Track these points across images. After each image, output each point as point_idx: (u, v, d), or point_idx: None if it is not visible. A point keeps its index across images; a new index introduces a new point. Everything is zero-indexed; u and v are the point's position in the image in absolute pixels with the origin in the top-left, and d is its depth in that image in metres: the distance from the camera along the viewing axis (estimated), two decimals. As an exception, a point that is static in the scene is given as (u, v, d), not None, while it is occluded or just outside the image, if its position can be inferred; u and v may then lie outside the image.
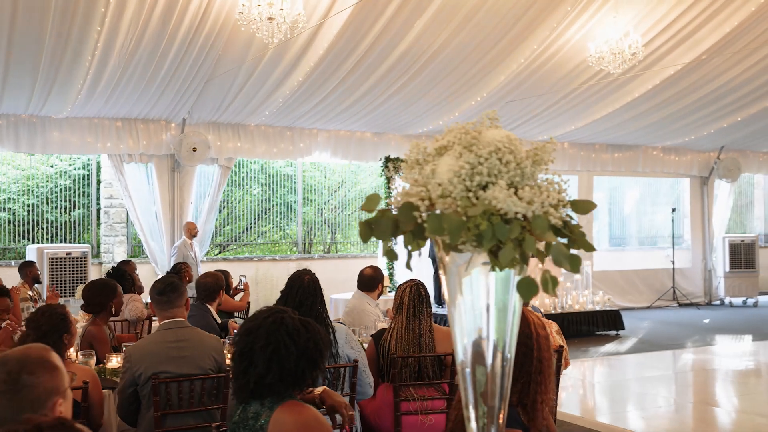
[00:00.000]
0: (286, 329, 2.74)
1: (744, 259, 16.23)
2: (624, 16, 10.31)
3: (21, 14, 8.09)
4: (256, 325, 2.75)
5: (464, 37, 10.15)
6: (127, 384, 4.05)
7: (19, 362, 2.13)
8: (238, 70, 10.30)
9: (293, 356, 2.71)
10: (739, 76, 12.23)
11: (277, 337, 2.70)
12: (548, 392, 2.88)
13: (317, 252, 15.35)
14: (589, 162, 15.44)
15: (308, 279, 4.47)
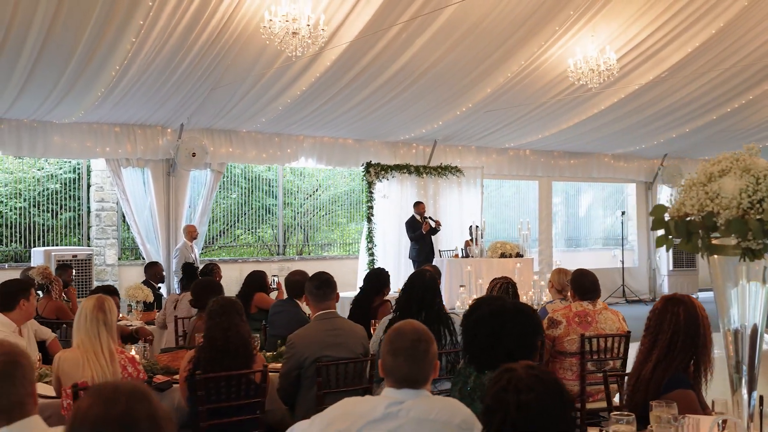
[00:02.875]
0: (524, 313, 3.40)
1: (685, 259, 17.58)
2: (600, 35, 11.25)
3: (61, 22, 8.34)
4: (499, 311, 3.40)
5: (459, 53, 10.89)
6: (293, 368, 4.62)
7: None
8: (244, 79, 10.76)
9: (530, 334, 3.38)
10: (693, 92, 13.42)
11: (522, 319, 3.36)
12: (710, 360, 3.62)
13: (291, 254, 15.83)
14: (548, 168, 16.48)
15: (429, 275, 5.12)
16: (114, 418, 1.69)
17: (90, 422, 1.69)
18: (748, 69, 12.74)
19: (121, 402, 1.72)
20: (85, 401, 1.74)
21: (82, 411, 1.72)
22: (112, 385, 1.78)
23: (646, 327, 3.67)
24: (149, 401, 1.76)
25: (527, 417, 2.19)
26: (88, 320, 4.08)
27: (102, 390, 1.77)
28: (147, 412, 1.73)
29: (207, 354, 4.32)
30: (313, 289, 4.87)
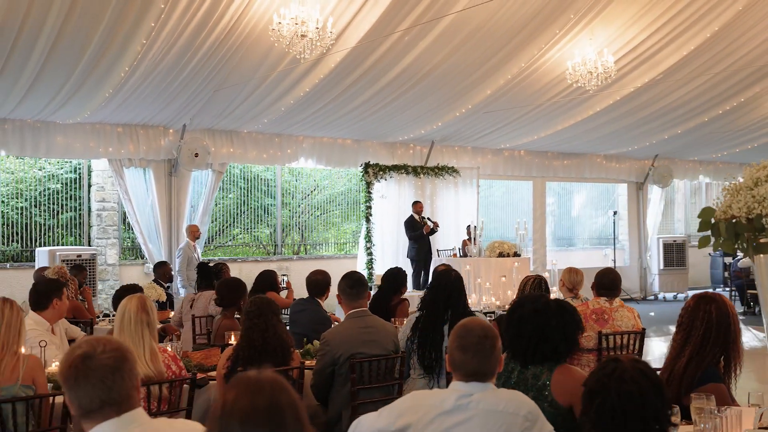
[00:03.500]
0: (567, 310, 3.55)
1: (676, 258, 17.85)
2: (598, 38, 11.44)
3: (73, 23, 8.40)
4: (543, 308, 3.55)
5: (461, 55, 11.05)
6: (327, 364, 4.76)
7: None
8: (248, 81, 10.86)
9: (573, 329, 3.54)
10: (687, 94, 13.66)
11: (565, 318, 3.52)
12: (739, 356, 3.79)
13: (288, 254, 15.92)
14: (542, 168, 16.69)
15: (455, 275, 5.28)
16: (261, 408, 1.81)
17: (238, 414, 1.80)
18: (741, 72, 12.99)
19: (266, 392, 1.84)
20: (230, 394, 1.85)
21: (228, 403, 1.83)
22: (255, 377, 1.90)
23: (678, 324, 3.83)
24: (289, 390, 1.89)
25: (626, 406, 2.35)
26: (132, 322, 4.17)
27: (246, 382, 1.88)
28: (288, 401, 1.86)
29: (246, 353, 4.44)
30: (346, 288, 5.01)
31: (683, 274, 17.93)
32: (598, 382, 2.44)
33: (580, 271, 7.05)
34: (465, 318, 5.10)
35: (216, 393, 4.67)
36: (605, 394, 2.41)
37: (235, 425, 1.79)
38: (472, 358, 2.86)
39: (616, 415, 2.38)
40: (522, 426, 2.80)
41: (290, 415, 1.83)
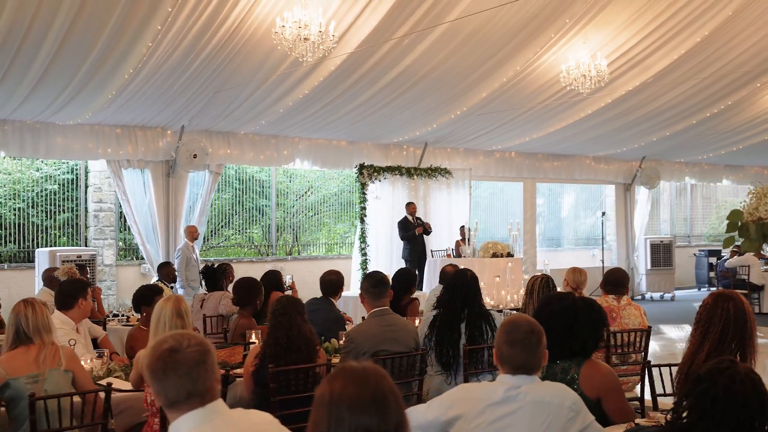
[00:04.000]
0: (593, 308, 3.73)
1: (663, 258, 18.14)
2: (591, 42, 11.65)
3: (80, 25, 8.46)
4: (571, 306, 3.71)
5: (458, 58, 11.22)
6: (352, 360, 4.89)
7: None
8: (248, 82, 10.96)
9: (600, 325, 3.71)
10: (676, 97, 13.92)
11: (592, 315, 3.69)
12: (755, 351, 3.98)
13: (281, 254, 16.02)
14: (533, 170, 16.92)
15: (470, 275, 5.44)
16: (368, 395, 1.96)
17: (347, 401, 1.95)
18: (729, 75, 13.26)
19: (371, 381, 1.98)
20: (337, 384, 1.99)
21: (336, 392, 1.97)
22: (361, 368, 2.05)
23: (697, 320, 4.01)
24: (389, 379, 2.03)
25: (727, 403, 2.51)
26: (167, 327, 4.31)
27: (352, 372, 2.03)
28: (390, 389, 2.00)
29: (272, 350, 4.58)
30: (369, 288, 5.16)
31: (670, 274, 18.23)
32: (709, 372, 2.60)
33: (583, 271, 7.23)
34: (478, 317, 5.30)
35: (242, 389, 4.79)
36: (712, 384, 2.56)
37: (344, 411, 1.93)
38: (520, 352, 3.02)
39: (715, 407, 2.53)
40: (567, 416, 2.96)
41: (392, 402, 1.98)
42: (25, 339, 4.17)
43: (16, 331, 4.17)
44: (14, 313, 4.22)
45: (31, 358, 4.13)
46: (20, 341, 4.17)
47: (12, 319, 4.20)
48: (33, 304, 4.26)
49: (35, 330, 4.16)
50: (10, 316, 4.22)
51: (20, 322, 4.16)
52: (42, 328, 4.19)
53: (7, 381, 4.02)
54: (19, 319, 4.17)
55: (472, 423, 2.93)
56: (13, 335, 4.17)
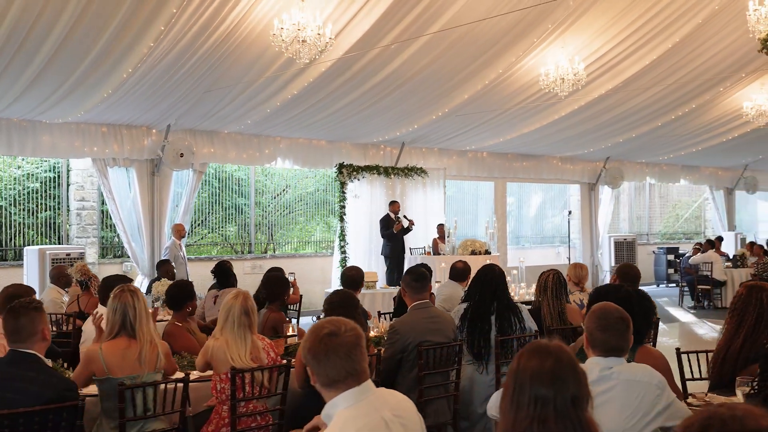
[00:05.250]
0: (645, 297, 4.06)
1: (626, 255, 18.75)
2: (568, 47, 12.06)
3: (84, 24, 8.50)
4: (627, 296, 4.04)
5: (444, 61, 11.52)
6: (397, 351, 5.17)
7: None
8: (238, 82, 11.09)
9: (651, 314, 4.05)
10: (645, 100, 14.46)
11: (645, 304, 4.02)
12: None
13: (258, 252, 16.14)
14: (503, 170, 17.36)
15: (498, 270, 5.75)
16: (548, 368, 2.23)
17: (529, 373, 2.22)
18: (695, 80, 13.83)
19: (552, 356, 2.26)
20: (524, 357, 2.27)
21: (522, 364, 2.24)
22: (545, 344, 2.32)
23: (731, 310, 4.38)
24: (571, 355, 2.30)
25: None
26: (236, 325, 4.52)
27: (537, 347, 2.30)
28: (570, 363, 2.27)
29: None
30: (411, 282, 5.43)
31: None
32: None
33: (584, 266, 7.63)
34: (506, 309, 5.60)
35: (294, 380, 5.01)
36: None
37: (525, 381, 2.20)
38: (612, 336, 3.33)
39: None
40: (654, 393, 3.27)
41: (570, 376, 2.25)
42: (130, 330, 4.29)
43: (123, 321, 4.28)
44: (120, 301, 4.31)
45: (133, 355, 4.24)
46: (124, 331, 4.30)
47: (119, 307, 4.30)
48: (135, 292, 4.39)
49: (139, 322, 4.29)
50: (115, 302, 4.31)
51: (128, 313, 4.28)
52: (144, 318, 4.33)
53: (108, 377, 4.16)
54: (127, 309, 4.28)
55: (567, 401, 3.23)
56: (119, 325, 4.28)
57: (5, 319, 3.81)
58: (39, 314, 3.81)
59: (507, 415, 2.20)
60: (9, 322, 3.75)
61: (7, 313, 3.82)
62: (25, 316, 3.74)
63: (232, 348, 4.51)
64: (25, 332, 3.73)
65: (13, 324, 3.73)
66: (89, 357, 4.22)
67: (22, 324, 3.72)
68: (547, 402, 2.15)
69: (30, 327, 3.74)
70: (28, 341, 3.74)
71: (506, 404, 2.21)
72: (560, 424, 2.14)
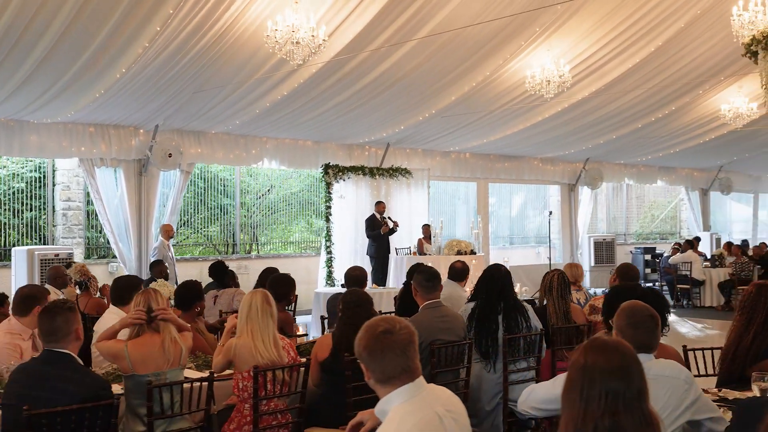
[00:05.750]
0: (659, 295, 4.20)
1: (605, 255, 19.02)
2: (554, 50, 12.23)
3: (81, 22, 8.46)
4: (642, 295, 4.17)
5: (433, 63, 11.63)
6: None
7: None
8: (229, 83, 11.10)
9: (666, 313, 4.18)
10: (627, 103, 14.69)
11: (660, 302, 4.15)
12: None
13: (241, 252, 16.14)
14: (485, 170, 17.53)
15: (504, 270, 5.85)
16: (617, 364, 2.32)
17: (599, 368, 2.31)
18: (676, 83, 14.08)
19: (619, 352, 2.35)
20: (590, 353, 2.35)
21: (590, 360, 2.33)
22: (609, 340, 2.41)
23: (741, 307, 4.53)
24: (631, 350, 2.40)
25: None
26: (259, 312, 4.60)
27: (603, 344, 2.39)
28: (634, 358, 2.37)
29: (348, 340, 4.89)
30: (423, 282, 5.52)
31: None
32: None
33: (579, 266, 7.80)
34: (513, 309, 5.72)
35: (311, 378, 5.07)
36: None
37: (596, 376, 2.29)
38: (642, 333, 3.44)
39: None
40: (683, 387, 3.39)
41: (636, 370, 2.35)
42: (154, 329, 4.36)
43: (147, 321, 4.35)
44: (144, 298, 4.39)
45: (156, 351, 4.31)
46: (148, 330, 4.36)
47: (141, 304, 4.38)
48: (156, 292, 4.45)
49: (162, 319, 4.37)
50: (139, 299, 4.40)
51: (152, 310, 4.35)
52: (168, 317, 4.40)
53: (133, 374, 4.21)
54: (151, 305, 4.36)
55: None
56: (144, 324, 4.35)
57: (40, 319, 3.85)
58: (74, 314, 3.87)
59: (575, 408, 2.28)
60: (45, 322, 3.80)
61: (43, 313, 3.87)
62: (61, 316, 3.79)
63: (257, 338, 4.60)
64: (61, 332, 3.78)
65: (49, 324, 3.78)
66: (115, 355, 4.28)
67: (57, 324, 3.77)
68: (617, 395, 2.25)
69: (65, 327, 3.79)
70: (63, 341, 3.78)
71: (574, 398, 2.30)
72: (629, 416, 2.24)
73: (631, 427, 2.23)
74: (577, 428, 2.24)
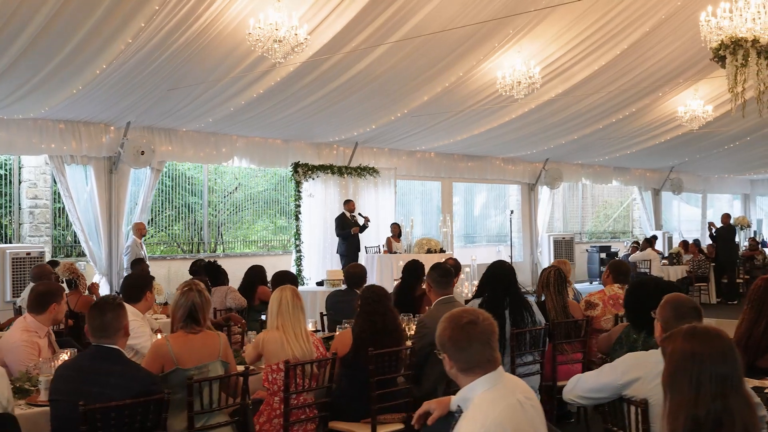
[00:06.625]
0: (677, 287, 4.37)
1: (564, 254, 19.38)
2: (524, 52, 12.45)
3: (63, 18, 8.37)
4: (666, 288, 4.34)
5: (407, 64, 11.75)
6: (425, 345, 5.34)
7: None
8: (204, 81, 11.04)
9: None
10: (590, 104, 15.02)
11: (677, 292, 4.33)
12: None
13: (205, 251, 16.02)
14: (449, 170, 17.73)
15: (508, 266, 6.01)
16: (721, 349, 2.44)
17: (708, 354, 2.42)
18: (638, 84, 14.46)
19: (720, 338, 2.48)
20: (696, 341, 2.46)
21: (697, 348, 2.44)
22: (713, 329, 2.53)
23: (750, 300, 4.73)
24: (727, 336, 2.53)
25: None
26: (290, 306, 4.66)
27: (705, 332, 2.51)
28: (731, 344, 2.50)
29: (367, 334, 4.99)
30: (437, 278, 5.63)
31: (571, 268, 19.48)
32: None
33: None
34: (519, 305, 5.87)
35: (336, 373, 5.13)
36: None
37: (705, 362, 2.41)
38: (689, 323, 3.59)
39: None
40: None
41: (737, 354, 2.48)
42: (194, 323, 4.37)
43: (189, 313, 4.36)
44: (184, 295, 4.40)
45: (198, 345, 4.33)
46: (192, 323, 4.36)
47: (183, 300, 4.38)
48: (200, 288, 4.45)
49: (205, 315, 4.38)
50: (180, 296, 4.41)
51: (194, 306, 4.35)
52: (206, 312, 4.42)
53: (176, 368, 4.21)
54: (194, 302, 4.36)
55: (651, 383, 3.47)
56: (186, 316, 4.36)
57: (90, 314, 3.85)
58: (123, 310, 3.88)
59: (684, 394, 2.40)
60: (95, 318, 3.80)
61: (93, 309, 3.87)
62: (112, 311, 3.81)
63: (288, 332, 4.66)
64: (112, 328, 3.79)
65: (100, 320, 3.78)
66: (158, 350, 4.29)
67: (108, 320, 3.79)
68: (725, 379, 2.38)
69: (116, 323, 3.80)
70: (113, 336, 3.80)
71: (683, 384, 2.41)
72: (736, 398, 2.37)
73: (738, 408, 2.36)
74: (689, 413, 2.36)
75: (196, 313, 4.37)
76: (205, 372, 4.25)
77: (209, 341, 4.39)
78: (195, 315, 4.37)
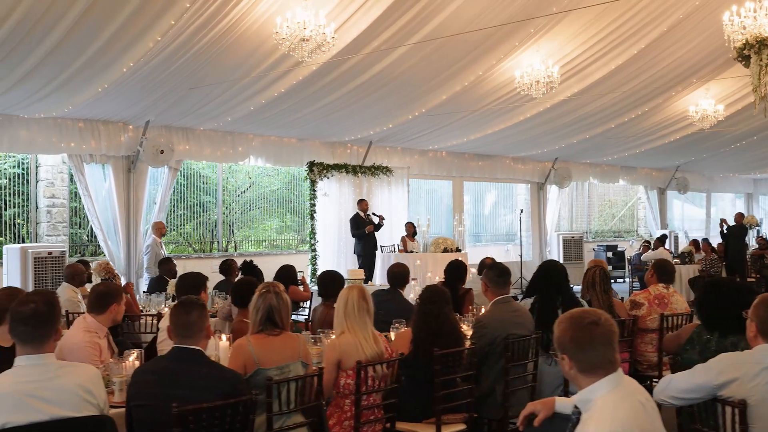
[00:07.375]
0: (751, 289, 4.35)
1: (574, 253, 19.41)
2: (542, 51, 12.45)
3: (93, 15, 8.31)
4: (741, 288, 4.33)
5: (428, 62, 11.72)
6: (485, 345, 5.34)
7: None
8: (226, 79, 10.99)
9: None
10: (604, 103, 15.02)
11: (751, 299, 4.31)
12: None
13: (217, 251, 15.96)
14: (461, 169, 17.72)
15: (559, 265, 6.01)
16: None
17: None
18: (653, 83, 14.47)
19: None
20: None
21: None
22: None
23: None
24: None
25: None
26: (356, 309, 4.65)
27: None
28: None
29: (422, 335, 4.98)
30: (494, 278, 5.62)
31: (580, 267, 19.45)
32: None
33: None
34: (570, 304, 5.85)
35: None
36: None
37: None
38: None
39: None
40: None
41: None
42: (273, 325, 4.35)
43: (268, 316, 4.34)
44: (263, 298, 4.37)
45: (278, 346, 4.30)
46: (270, 325, 4.34)
47: (261, 303, 4.36)
48: (278, 290, 4.43)
49: (283, 317, 4.35)
50: (257, 299, 4.39)
51: (272, 308, 4.33)
52: (288, 314, 4.39)
53: (258, 369, 4.18)
54: (271, 304, 4.34)
55: (749, 384, 3.47)
56: (265, 319, 4.33)
57: (175, 313, 3.81)
58: (206, 311, 3.86)
59: None
60: (180, 316, 3.77)
61: (177, 307, 3.84)
62: (196, 311, 3.78)
63: (358, 334, 4.64)
64: (195, 327, 3.76)
65: (185, 318, 3.75)
66: (240, 351, 4.26)
67: (192, 319, 3.75)
68: None
69: (199, 323, 3.77)
70: (195, 337, 3.77)
71: None
72: None
73: None
74: None
75: (273, 315, 4.35)
76: (287, 372, 4.23)
77: (289, 342, 4.37)
78: (273, 317, 4.35)
